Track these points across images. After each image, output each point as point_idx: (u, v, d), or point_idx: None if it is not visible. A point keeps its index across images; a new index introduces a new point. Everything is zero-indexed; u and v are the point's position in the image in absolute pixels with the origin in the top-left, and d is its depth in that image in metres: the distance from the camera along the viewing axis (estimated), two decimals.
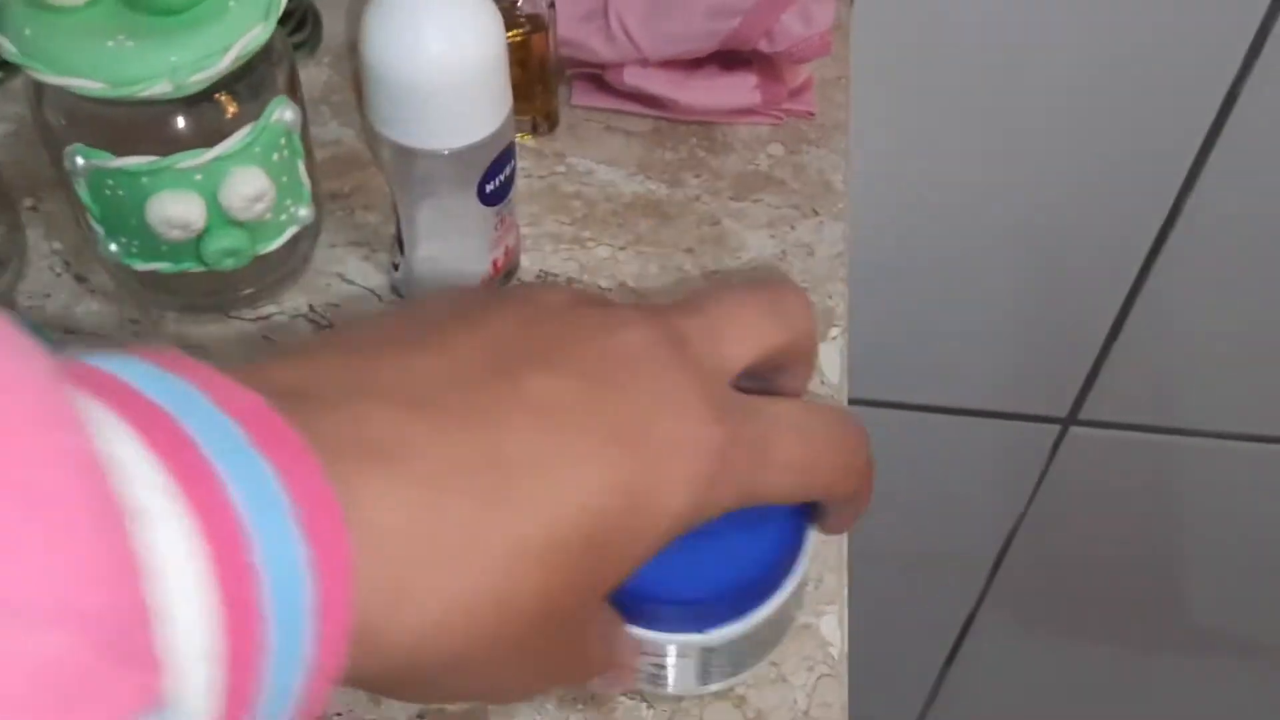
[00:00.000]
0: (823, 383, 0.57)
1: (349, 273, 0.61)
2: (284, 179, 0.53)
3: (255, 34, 0.48)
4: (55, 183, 0.63)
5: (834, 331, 0.59)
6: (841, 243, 0.63)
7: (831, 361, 0.58)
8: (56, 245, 0.61)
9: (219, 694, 0.21)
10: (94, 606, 0.18)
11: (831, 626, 0.49)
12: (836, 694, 0.47)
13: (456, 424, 0.26)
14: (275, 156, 0.52)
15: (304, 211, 0.56)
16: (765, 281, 0.37)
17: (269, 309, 0.59)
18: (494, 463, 0.26)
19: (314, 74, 0.69)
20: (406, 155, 0.52)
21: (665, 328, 0.31)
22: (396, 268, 0.59)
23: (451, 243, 0.56)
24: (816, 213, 0.64)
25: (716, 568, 0.37)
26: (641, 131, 0.68)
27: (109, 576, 0.19)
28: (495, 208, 0.55)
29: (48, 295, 0.59)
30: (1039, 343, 1.04)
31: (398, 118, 0.51)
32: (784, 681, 0.48)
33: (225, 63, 0.47)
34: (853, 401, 0.59)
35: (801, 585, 0.41)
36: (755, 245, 0.62)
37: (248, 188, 0.51)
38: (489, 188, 0.54)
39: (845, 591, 0.51)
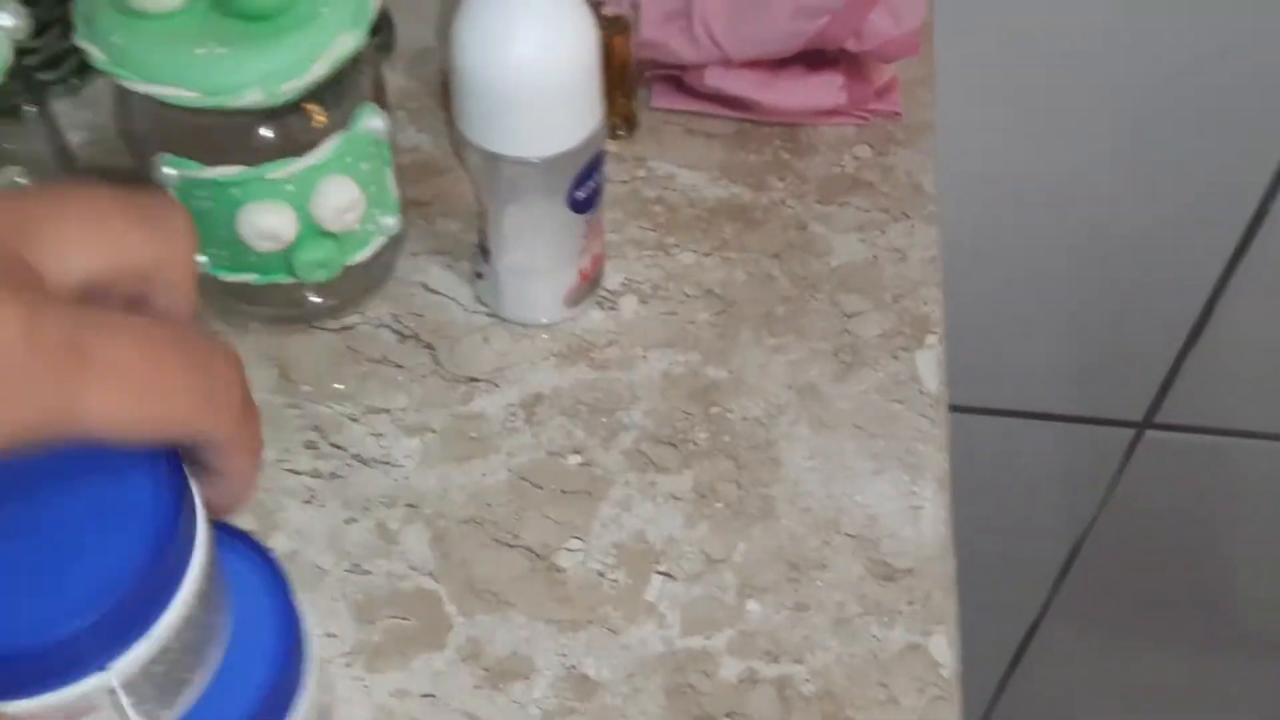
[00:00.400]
0: (920, 392, 0.56)
1: (431, 281, 0.60)
2: (372, 188, 0.52)
3: (346, 41, 0.47)
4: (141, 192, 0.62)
5: (930, 339, 0.57)
6: (934, 246, 0.61)
7: (929, 369, 0.56)
8: None
9: None
10: None
11: (941, 646, 0.48)
12: (949, 716, 0.46)
13: None
14: (364, 165, 0.51)
15: (391, 221, 0.55)
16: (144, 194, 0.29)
17: (353, 319, 0.58)
18: None
19: (390, 79, 0.68)
20: (496, 162, 0.51)
21: None
22: (480, 276, 0.58)
23: (539, 251, 0.55)
24: (907, 216, 0.62)
25: (75, 581, 0.27)
26: (723, 134, 0.66)
27: None
28: (584, 215, 0.54)
29: None
30: (1116, 347, 1.02)
31: (488, 125, 0.50)
32: (895, 704, 0.46)
33: (317, 71, 0.46)
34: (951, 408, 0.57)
35: (209, 564, 0.31)
36: (845, 249, 0.61)
37: (338, 198, 0.50)
38: (579, 195, 0.52)
39: (954, 609, 0.49)
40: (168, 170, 0.48)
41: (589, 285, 0.58)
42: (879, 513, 0.52)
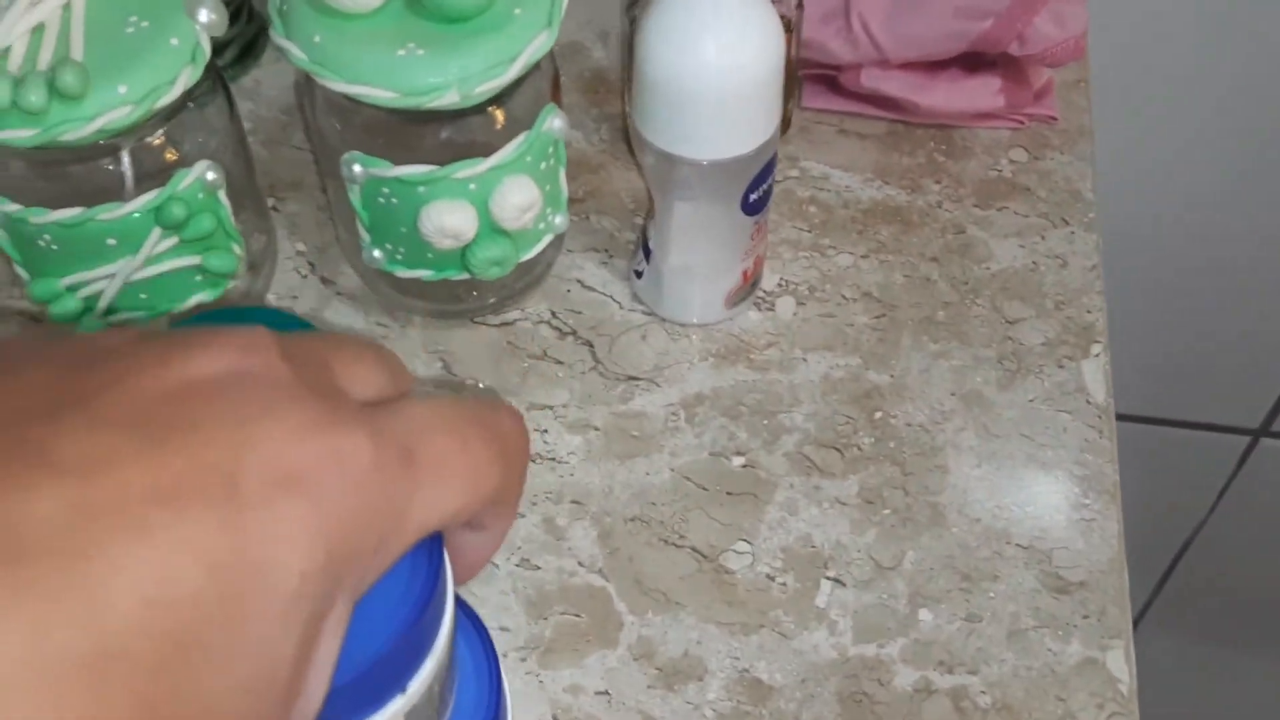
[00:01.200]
0: (1088, 402, 0.55)
1: (588, 278, 0.60)
2: (548, 187, 0.52)
3: (540, 42, 0.47)
4: (294, 184, 0.63)
5: (1095, 348, 0.57)
6: (1095, 254, 0.60)
7: (1096, 380, 0.56)
8: (300, 246, 0.61)
9: None
10: None
11: (1118, 662, 0.47)
12: None
13: None
14: (543, 165, 0.52)
15: (560, 219, 0.55)
16: (483, 402, 0.27)
17: (513, 314, 0.59)
18: (11, 552, 0.19)
19: None
20: (672, 163, 0.51)
21: (267, 352, 0.23)
22: (639, 274, 0.58)
23: (705, 251, 0.55)
24: (1066, 222, 0.62)
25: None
26: (876, 134, 0.66)
27: None
28: (755, 217, 0.54)
29: (295, 297, 0.59)
30: (1234, 354, 1.00)
31: (668, 126, 0.50)
32: (1072, 719, 0.46)
33: (512, 72, 0.46)
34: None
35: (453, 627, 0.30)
36: (1004, 255, 0.61)
37: (519, 197, 0.50)
38: (753, 197, 0.53)
39: (1129, 625, 0.49)
40: (355, 168, 0.49)
41: (749, 286, 0.58)
42: (1049, 525, 0.51)
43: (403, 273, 0.54)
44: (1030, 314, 0.58)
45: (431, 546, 0.28)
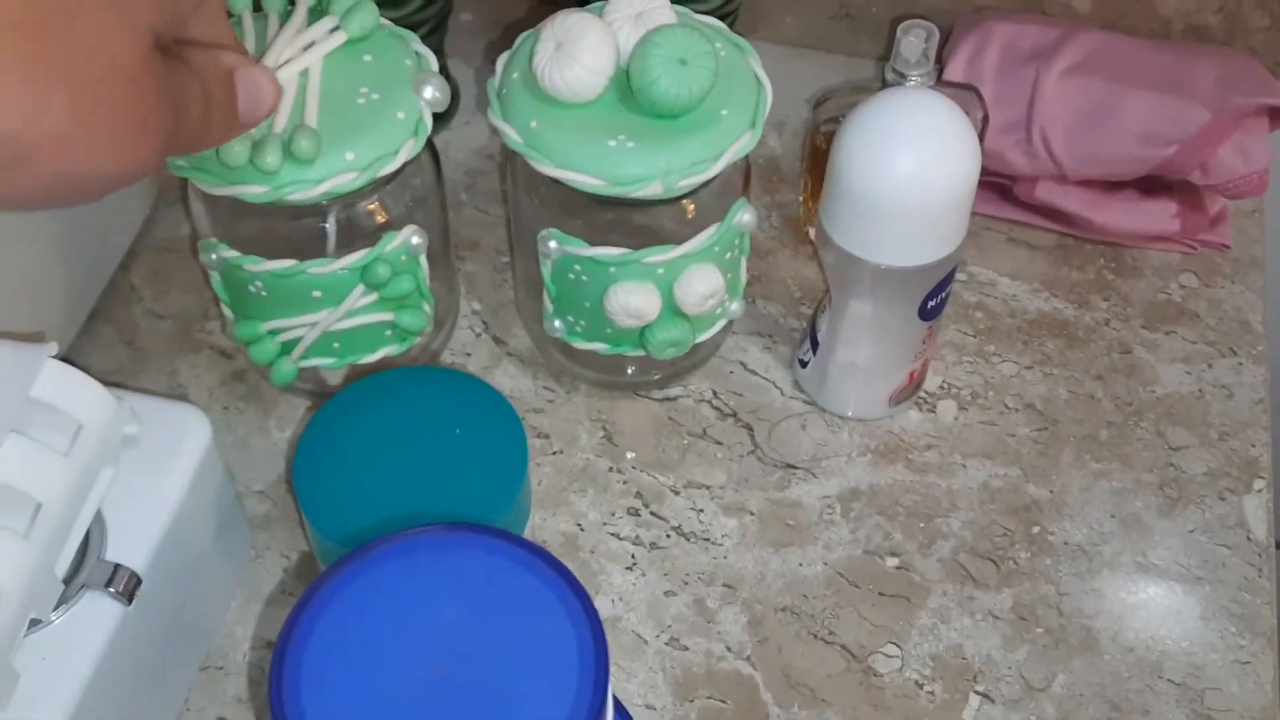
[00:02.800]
0: (1249, 538, 0.55)
1: (750, 362, 0.61)
2: (729, 275, 0.54)
3: (744, 142, 0.49)
4: (474, 244, 0.65)
5: (1259, 484, 0.57)
6: (1263, 388, 0.60)
7: (1258, 516, 0.55)
8: (476, 306, 0.63)
9: None
10: None
11: None
12: None
13: None
14: (728, 255, 0.53)
15: (736, 305, 0.56)
16: None
17: (675, 390, 0.60)
18: None
19: None
20: (856, 264, 0.52)
21: None
22: (804, 364, 0.59)
23: (874, 350, 0.56)
24: (1234, 352, 0.62)
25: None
26: (1045, 246, 0.66)
27: None
28: (929, 322, 0.55)
29: (468, 354, 0.61)
30: None
31: (857, 230, 0.51)
32: None
33: (716, 169, 0.48)
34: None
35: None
36: (1170, 379, 0.61)
37: (704, 285, 0.52)
38: (930, 304, 0.53)
39: None
40: (552, 244, 0.51)
41: (914, 387, 0.59)
42: (1204, 663, 0.51)
43: (580, 344, 0.55)
44: (1194, 442, 0.58)
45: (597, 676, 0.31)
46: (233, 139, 0.37)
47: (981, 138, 0.62)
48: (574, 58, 0.47)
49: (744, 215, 0.52)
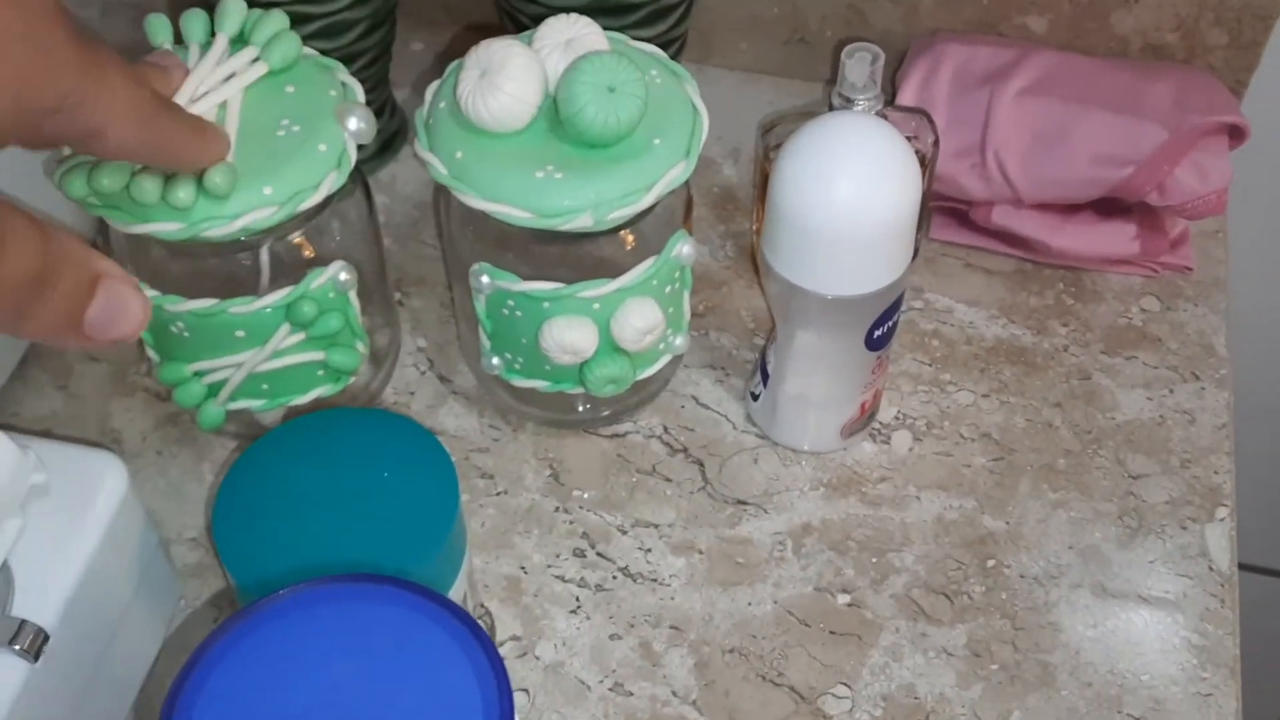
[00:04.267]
0: (1210, 568, 0.53)
1: (702, 396, 0.60)
2: (671, 310, 0.53)
3: (678, 172, 0.47)
4: (421, 280, 0.64)
5: (1221, 512, 0.55)
6: (1225, 412, 0.59)
7: (1220, 545, 0.54)
8: (421, 343, 0.62)
9: None
10: None
11: None
12: None
13: None
14: (668, 289, 0.52)
15: (680, 340, 0.55)
16: None
17: (625, 426, 0.59)
18: None
19: None
20: (798, 294, 0.50)
21: None
22: (755, 397, 0.58)
23: (823, 381, 0.55)
24: (1197, 377, 0.60)
25: None
26: (1004, 271, 0.65)
27: None
28: (877, 352, 0.53)
29: (412, 393, 0.60)
30: None
31: (798, 260, 0.50)
32: None
33: (647, 201, 0.47)
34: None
35: None
36: (1130, 406, 0.59)
37: (641, 320, 0.50)
38: (877, 334, 0.52)
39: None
40: (484, 279, 0.50)
41: (866, 419, 0.57)
42: (1164, 696, 0.49)
43: (519, 382, 0.54)
44: (1155, 470, 0.57)
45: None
46: (61, 340, 0.33)
47: (932, 162, 0.60)
48: (498, 86, 0.46)
49: (683, 247, 0.51)
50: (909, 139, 0.58)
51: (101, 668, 0.46)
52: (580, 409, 0.57)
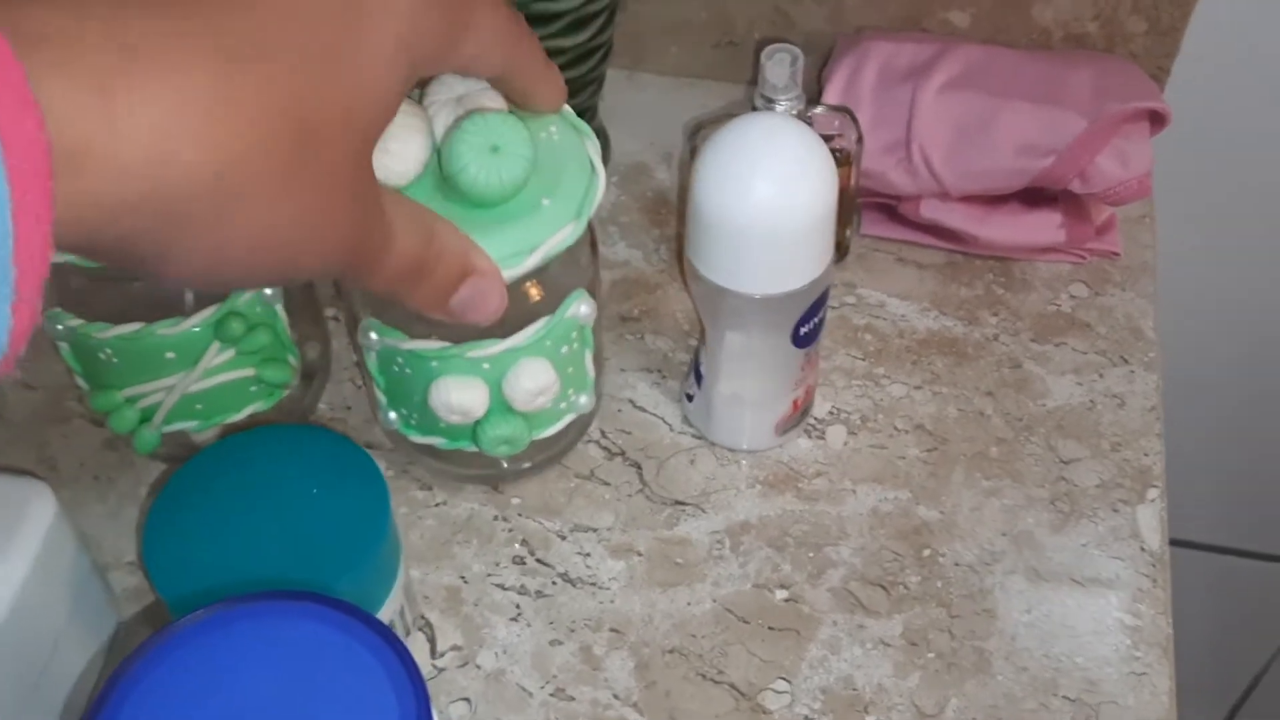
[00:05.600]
0: (1142, 549, 0.54)
1: (639, 399, 0.60)
2: (570, 369, 0.51)
3: (566, 234, 0.45)
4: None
5: (1152, 493, 0.56)
6: (1155, 395, 0.59)
7: (1151, 526, 0.55)
8: (356, 357, 0.62)
9: None
10: None
11: None
12: None
13: None
14: (564, 349, 0.50)
15: (584, 399, 0.54)
16: None
17: None
18: None
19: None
20: (723, 295, 0.51)
21: None
22: (690, 398, 0.58)
23: (755, 380, 0.55)
24: (1126, 361, 0.61)
25: None
26: (934, 264, 0.66)
27: None
28: (805, 349, 0.54)
29: (349, 408, 0.60)
30: None
31: (720, 260, 0.50)
32: None
33: (531, 262, 0.44)
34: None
35: None
36: (1061, 392, 0.60)
37: (533, 381, 0.49)
38: (803, 330, 0.52)
39: None
40: (372, 335, 0.49)
41: (800, 415, 0.58)
42: (1099, 677, 0.50)
43: (416, 438, 0.53)
44: (1085, 454, 0.57)
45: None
46: (428, 313, 0.39)
47: (857, 159, 0.61)
48: (381, 144, 0.44)
49: (580, 307, 0.49)
50: (834, 137, 0.59)
51: (37, 694, 0.46)
52: (480, 466, 0.56)
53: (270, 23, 0.27)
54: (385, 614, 0.48)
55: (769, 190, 0.47)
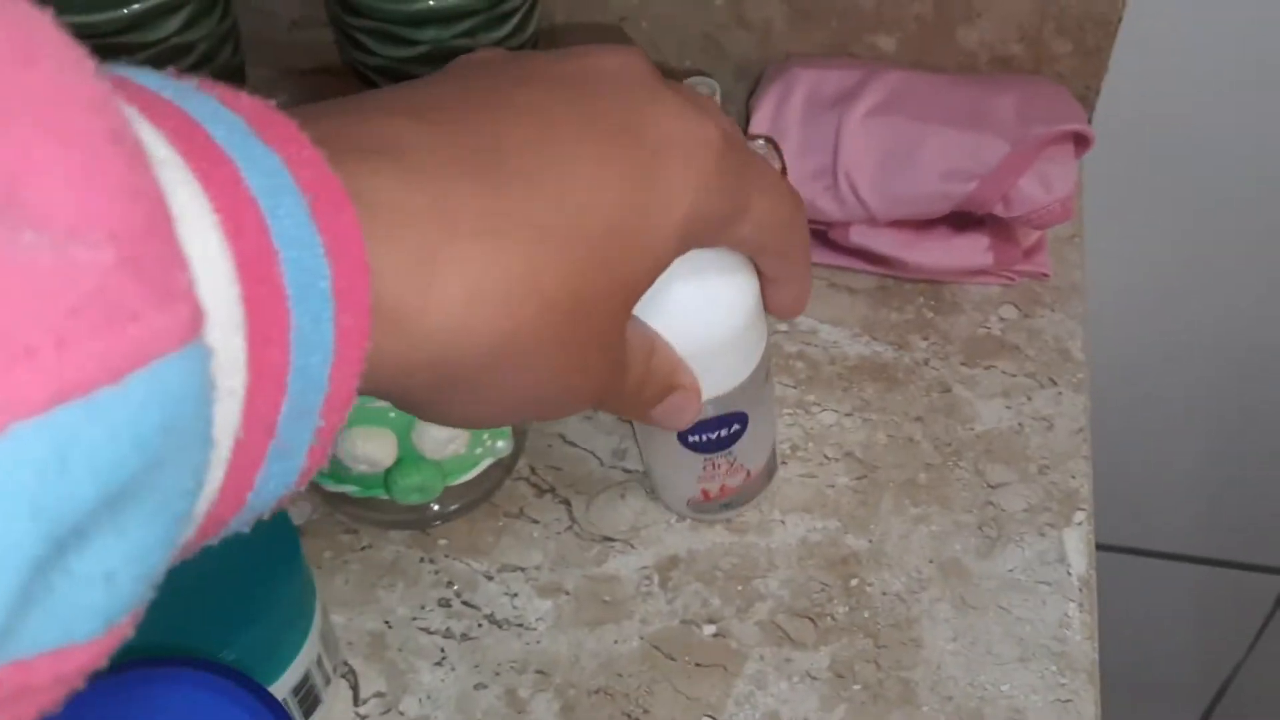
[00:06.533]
0: (1069, 573, 0.54)
1: (569, 434, 0.60)
2: None
3: None
4: None
5: (1078, 516, 0.56)
6: (1083, 416, 0.59)
7: (1077, 550, 0.54)
8: None
9: (243, 364, 0.21)
10: (130, 230, 0.18)
11: None
12: None
13: (454, 126, 0.27)
14: None
15: (501, 444, 0.54)
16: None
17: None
18: (498, 157, 0.27)
19: None
20: None
21: (639, 57, 0.33)
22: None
23: (659, 463, 0.54)
24: (1054, 382, 0.61)
25: None
26: (866, 289, 0.66)
27: (144, 211, 0.18)
28: (705, 455, 0.51)
29: None
30: (1267, 493, 0.98)
31: None
32: None
33: None
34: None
35: None
36: (989, 416, 0.60)
37: (442, 430, 0.49)
38: (691, 439, 0.50)
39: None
40: None
41: (718, 505, 0.55)
42: (1024, 705, 0.50)
43: (330, 487, 0.53)
44: (1013, 478, 0.57)
45: None
46: (626, 417, 0.42)
47: None
48: None
49: None
50: None
51: None
52: (400, 513, 0.55)
53: (574, 203, 0.28)
54: (301, 663, 0.47)
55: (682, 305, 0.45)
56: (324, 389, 0.23)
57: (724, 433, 0.50)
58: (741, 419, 0.49)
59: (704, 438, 0.50)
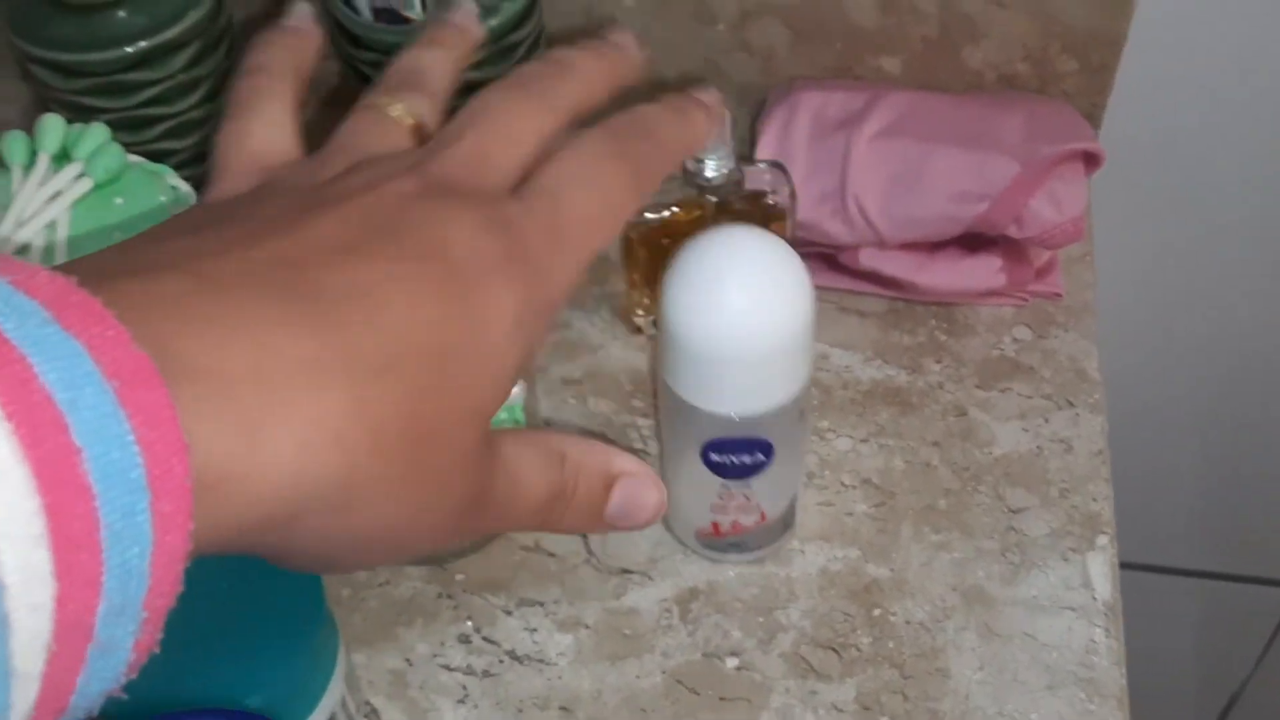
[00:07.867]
0: (1094, 598, 0.53)
1: None
2: None
3: None
4: None
5: (1101, 539, 0.55)
6: (1101, 438, 0.59)
7: (1101, 574, 0.54)
8: None
9: (49, 576, 0.20)
10: None
11: None
12: None
13: (262, 270, 0.27)
14: None
15: None
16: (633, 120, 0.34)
17: None
18: (309, 294, 0.27)
19: None
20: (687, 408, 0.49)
21: (425, 177, 0.31)
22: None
23: (677, 480, 0.53)
24: (1071, 404, 0.60)
25: None
26: (876, 312, 0.65)
27: None
28: (724, 480, 0.51)
29: None
30: (1278, 508, 0.97)
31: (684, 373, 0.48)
32: None
33: None
34: None
35: None
36: (1007, 439, 0.59)
37: None
38: (714, 457, 0.50)
39: None
40: None
41: (726, 543, 0.54)
42: None
43: None
44: (1034, 503, 0.57)
45: None
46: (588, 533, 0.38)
47: (791, 213, 0.61)
48: None
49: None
50: (768, 194, 0.59)
51: None
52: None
53: (393, 333, 0.27)
54: (326, 706, 0.47)
55: (737, 310, 0.46)
56: (146, 580, 0.22)
57: (747, 459, 0.49)
58: (767, 449, 0.49)
59: (728, 459, 0.49)
